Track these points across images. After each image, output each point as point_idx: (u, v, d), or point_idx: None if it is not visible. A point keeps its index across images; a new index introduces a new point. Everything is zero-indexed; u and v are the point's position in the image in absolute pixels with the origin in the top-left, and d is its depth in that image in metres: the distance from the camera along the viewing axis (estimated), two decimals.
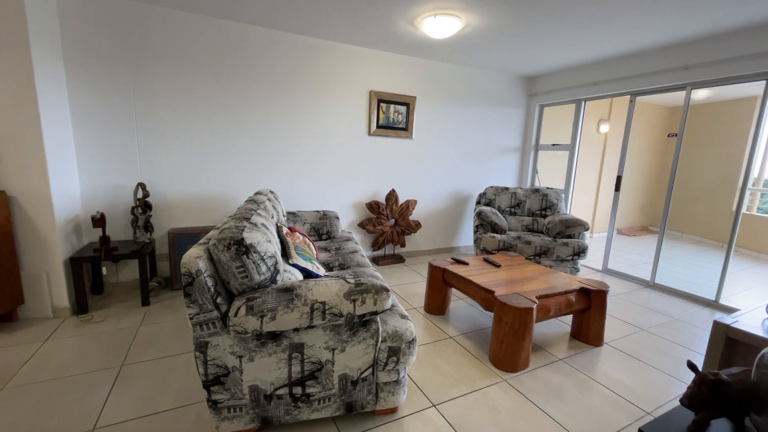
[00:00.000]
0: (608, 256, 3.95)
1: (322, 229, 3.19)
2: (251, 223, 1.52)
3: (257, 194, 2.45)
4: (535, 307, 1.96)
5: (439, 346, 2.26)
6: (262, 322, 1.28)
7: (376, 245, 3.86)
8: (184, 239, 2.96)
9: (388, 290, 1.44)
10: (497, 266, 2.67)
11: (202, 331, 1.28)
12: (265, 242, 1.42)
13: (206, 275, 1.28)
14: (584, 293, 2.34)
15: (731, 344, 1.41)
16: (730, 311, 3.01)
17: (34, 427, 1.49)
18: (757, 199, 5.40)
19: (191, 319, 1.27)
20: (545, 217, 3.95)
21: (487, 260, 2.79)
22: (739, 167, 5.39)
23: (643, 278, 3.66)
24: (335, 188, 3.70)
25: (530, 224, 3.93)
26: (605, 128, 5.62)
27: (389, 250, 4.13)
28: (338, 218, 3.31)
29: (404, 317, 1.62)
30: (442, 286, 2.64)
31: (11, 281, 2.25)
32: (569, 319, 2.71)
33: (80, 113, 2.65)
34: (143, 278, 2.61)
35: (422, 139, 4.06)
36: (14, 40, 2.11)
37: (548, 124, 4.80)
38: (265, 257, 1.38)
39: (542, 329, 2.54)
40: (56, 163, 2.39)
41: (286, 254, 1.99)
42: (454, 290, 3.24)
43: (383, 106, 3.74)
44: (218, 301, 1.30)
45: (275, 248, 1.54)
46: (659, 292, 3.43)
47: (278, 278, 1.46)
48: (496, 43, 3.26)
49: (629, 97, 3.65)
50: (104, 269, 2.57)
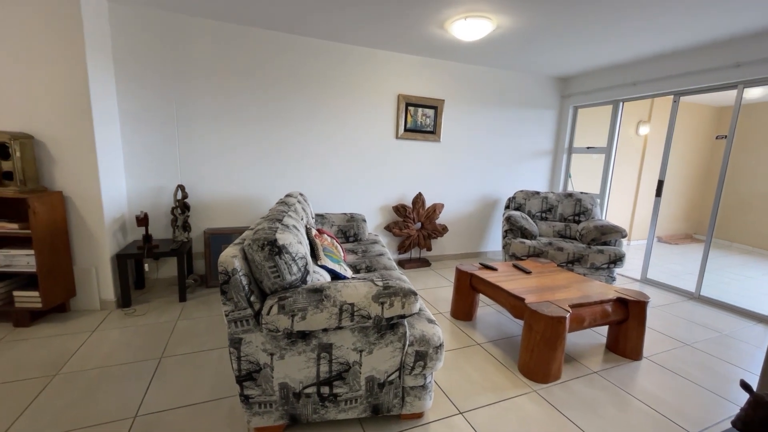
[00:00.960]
0: (648, 265, 3.74)
1: (349, 231, 3.23)
2: (283, 224, 1.57)
3: (287, 196, 2.52)
4: (568, 316, 1.89)
5: (466, 352, 2.22)
6: (292, 321, 1.31)
7: (402, 248, 3.85)
8: (218, 239, 3.09)
9: (416, 294, 1.44)
10: (527, 273, 2.59)
11: (236, 327, 1.33)
12: (296, 243, 1.46)
13: (241, 274, 1.33)
14: (622, 303, 2.22)
15: None
16: None
17: (82, 411, 1.60)
18: None
19: (227, 315, 1.33)
20: (579, 222, 3.80)
21: (516, 266, 2.72)
22: None
23: (686, 290, 3.43)
24: (362, 191, 3.74)
25: (562, 230, 3.79)
26: (645, 130, 5.34)
27: (415, 253, 4.11)
28: (365, 221, 3.34)
29: (431, 322, 1.60)
30: (469, 291, 2.60)
31: (65, 275, 2.44)
32: (604, 330, 2.59)
33: (127, 119, 2.83)
34: (181, 275, 2.75)
35: (450, 142, 4.03)
36: (73, 54, 2.30)
37: (582, 126, 4.62)
38: (296, 258, 1.42)
39: (575, 339, 2.44)
40: (106, 166, 2.57)
41: (314, 255, 2.03)
42: (481, 296, 3.18)
43: (411, 109, 3.74)
44: (252, 299, 1.34)
45: (305, 249, 1.57)
46: (705, 305, 3.20)
47: (308, 279, 1.50)
48: (528, 44, 3.18)
49: (672, 97, 3.45)
50: (146, 266, 2.73)
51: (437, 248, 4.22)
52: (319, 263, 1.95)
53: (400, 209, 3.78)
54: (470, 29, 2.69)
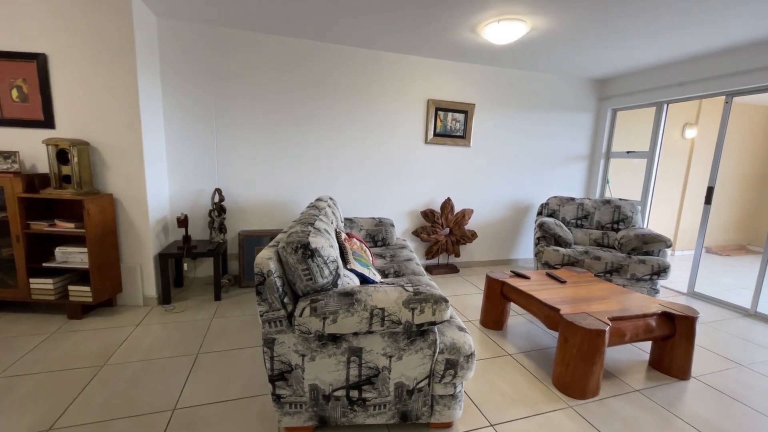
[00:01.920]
0: (695, 277, 3.48)
1: (377, 235, 3.24)
2: (315, 228, 1.60)
3: (318, 200, 2.57)
4: (607, 329, 1.79)
5: (496, 362, 2.15)
6: (324, 323, 1.33)
7: (429, 254, 3.82)
8: (251, 241, 3.20)
9: (447, 301, 1.41)
10: (562, 282, 2.49)
11: (270, 328, 1.37)
12: (328, 247, 1.48)
13: (276, 276, 1.36)
14: (667, 318, 2.08)
15: None
16: None
17: (126, 401, 1.70)
18: None
19: (261, 316, 1.36)
20: (618, 231, 3.61)
21: (550, 275, 2.62)
22: None
23: (740, 305, 3.16)
24: (390, 195, 3.75)
25: (599, 238, 3.61)
26: (692, 133, 5.01)
27: (443, 259, 4.06)
28: (393, 225, 3.34)
29: (462, 330, 1.57)
30: (500, 299, 2.53)
31: (113, 272, 2.61)
32: (647, 346, 2.43)
33: (171, 127, 3.01)
34: (216, 275, 2.87)
35: (480, 146, 3.96)
36: (125, 68, 2.48)
37: (622, 129, 4.40)
38: (327, 261, 1.44)
39: (615, 354, 2.30)
40: (152, 170, 2.73)
41: (344, 259, 2.05)
42: (512, 305, 3.08)
43: (441, 114, 3.72)
44: (285, 300, 1.38)
45: (336, 253, 1.60)
46: (763, 322, 2.93)
47: (339, 282, 1.51)
48: (564, 45, 3.08)
49: (724, 98, 3.22)
50: (185, 265, 2.87)
51: (466, 254, 4.15)
52: (348, 267, 1.97)
53: (428, 214, 3.75)
54: (503, 32, 2.64)
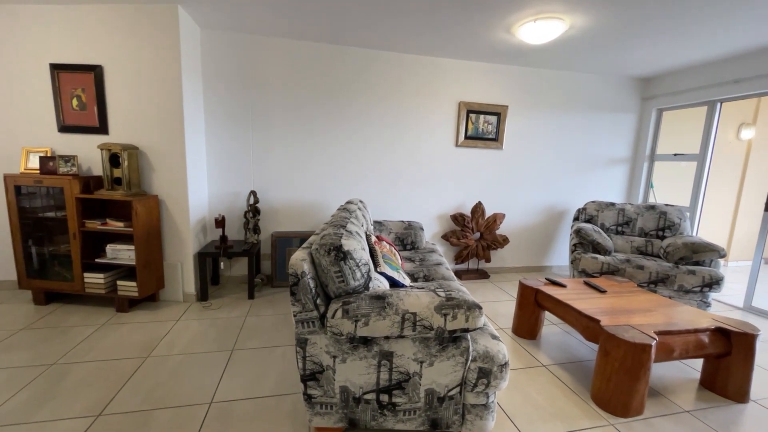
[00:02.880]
0: (753, 290, 3.19)
1: (406, 239, 3.23)
2: (347, 231, 1.61)
3: (348, 203, 2.60)
4: (654, 344, 1.67)
5: (530, 373, 2.08)
6: (356, 326, 1.33)
7: (459, 258, 3.75)
8: (283, 242, 3.28)
9: (480, 308, 1.38)
10: (602, 292, 2.36)
11: (303, 328, 1.39)
12: (360, 250, 1.49)
13: (309, 277, 1.39)
14: (722, 334, 1.92)
15: None
16: None
17: (168, 392, 1.79)
18: None
19: (295, 316, 1.39)
20: (663, 238, 3.38)
21: (589, 284, 2.49)
22: None
23: None
24: (420, 199, 3.73)
25: (642, 246, 3.40)
26: (749, 134, 4.62)
27: (473, 264, 3.98)
28: (422, 229, 3.32)
29: (495, 338, 1.53)
30: (534, 308, 2.44)
31: (157, 269, 2.76)
32: (698, 363, 2.25)
33: (211, 132, 3.16)
34: (251, 275, 2.97)
35: (513, 149, 3.85)
36: (171, 77, 2.63)
37: (668, 130, 4.14)
38: (360, 264, 1.45)
39: (661, 371, 2.15)
40: (193, 173, 2.88)
41: (374, 262, 2.06)
42: (547, 314, 2.96)
43: (472, 116, 3.66)
44: (318, 302, 1.40)
45: (368, 256, 1.60)
46: None
47: (370, 285, 1.52)
48: (605, 43, 2.94)
49: None
50: (222, 264, 2.99)
51: (497, 260, 4.04)
52: (378, 270, 1.98)
53: (458, 218, 3.70)
54: (540, 32, 2.56)
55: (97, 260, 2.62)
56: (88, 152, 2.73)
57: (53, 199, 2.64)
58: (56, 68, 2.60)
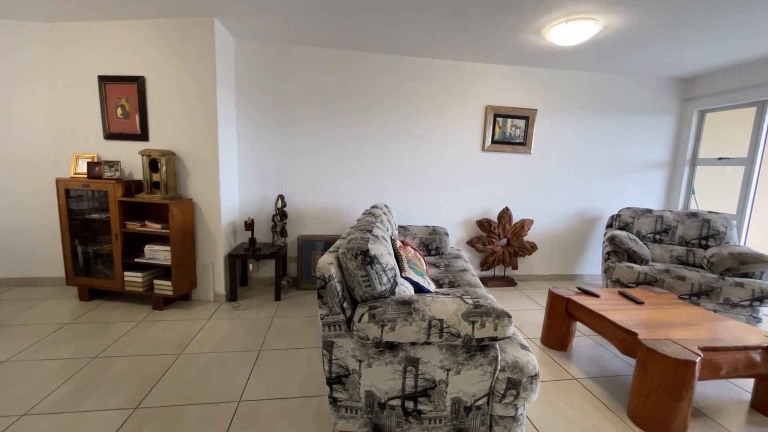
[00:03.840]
0: None
1: (431, 244, 3.20)
2: (373, 235, 1.62)
3: (373, 207, 2.61)
4: (698, 360, 1.57)
5: (560, 386, 1.99)
6: (382, 331, 1.33)
7: (484, 265, 3.68)
8: (309, 245, 3.34)
9: (509, 316, 1.34)
10: (639, 303, 2.24)
11: (330, 331, 1.41)
12: (386, 254, 1.49)
13: (336, 281, 1.40)
14: None
15: None
16: None
17: (199, 389, 1.85)
18: None
19: (322, 319, 1.41)
20: (707, 248, 3.18)
21: (624, 294, 2.37)
22: None
23: None
24: (445, 204, 3.70)
25: (683, 256, 3.21)
26: None
27: (499, 271, 3.89)
28: (447, 234, 3.28)
29: (525, 348, 1.48)
30: (564, 318, 2.35)
31: (190, 269, 2.88)
32: (748, 383, 2.09)
33: (242, 137, 3.27)
34: (277, 277, 3.03)
35: (542, 153, 3.75)
36: (206, 87, 2.75)
37: (711, 133, 3.89)
38: (386, 269, 1.45)
39: (706, 390, 2.01)
40: (225, 177, 2.99)
41: (399, 267, 2.05)
42: (578, 324, 2.84)
43: (499, 120, 3.60)
44: (344, 305, 1.41)
45: (394, 261, 1.60)
46: None
47: (396, 290, 1.51)
48: (641, 43, 2.82)
49: None
50: (250, 266, 3.08)
51: (524, 267, 3.93)
52: (403, 275, 1.97)
53: (484, 224, 3.63)
54: (571, 33, 2.49)
55: (136, 260, 2.77)
56: (130, 158, 2.90)
57: (98, 201, 2.82)
58: (103, 80, 2.79)
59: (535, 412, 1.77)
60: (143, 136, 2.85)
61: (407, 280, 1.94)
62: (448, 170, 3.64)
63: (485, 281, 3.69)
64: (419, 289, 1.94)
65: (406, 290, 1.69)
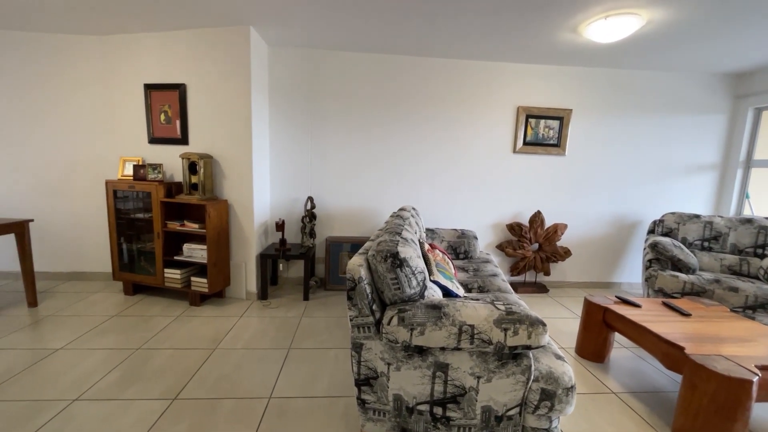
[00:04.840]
0: None
1: (459, 248, 3.15)
2: (402, 238, 1.61)
3: (401, 210, 2.61)
4: (756, 380, 1.44)
5: (597, 399, 1.90)
6: (411, 334, 1.32)
7: (515, 270, 3.58)
8: (336, 246, 3.38)
9: (544, 324, 1.30)
10: (685, 315, 2.09)
11: (359, 333, 1.41)
12: (416, 257, 1.48)
13: (366, 283, 1.41)
14: None
15: None
16: None
17: (232, 384, 1.91)
18: None
19: (351, 320, 1.42)
20: (763, 257, 2.92)
21: (668, 305, 2.23)
22: None
23: None
24: (474, 207, 3.63)
25: (735, 265, 2.97)
26: None
27: (530, 277, 3.76)
28: (476, 238, 3.22)
29: (560, 358, 1.42)
30: (601, 328, 2.23)
31: (224, 268, 3.00)
32: None
33: (274, 140, 3.37)
34: (306, 277, 3.09)
35: (577, 155, 3.60)
36: (242, 94, 2.86)
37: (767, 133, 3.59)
38: (415, 272, 1.44)
39: (763, 412, 1.84)
40: (258, 179, 3.09)
41: (428, 270, 2.03)
42: (617, 335, 2.70)
43: (532, 121, 3.50)
44: (374, 307, 1.41)
45: (423, 264, 1.59)
46: None
47: (426, 294, 1.50)
48: (688, 37, 2.65)
49: None
50: (281, 266, 3.16)
51: (557, 273, 3.78)
52: (431, 279, 1.95)
53: (515, 228, 3.53)
54: (611, 29, 2.38)
55: (175, 257, 2.91)
56: (171, 161, 3.06)
57: (142, 202, 2.99)
58: (149, 88, 2.97)
59: (570, 425, 1.69)
60: (183, 140, 3.00)
61: (435, 283, 1.92)
62: (477, 173, 3.58)
63: (515, 287, 3.58)
64: (448, 293, 1.91)
65: (435, 294, 1.67)
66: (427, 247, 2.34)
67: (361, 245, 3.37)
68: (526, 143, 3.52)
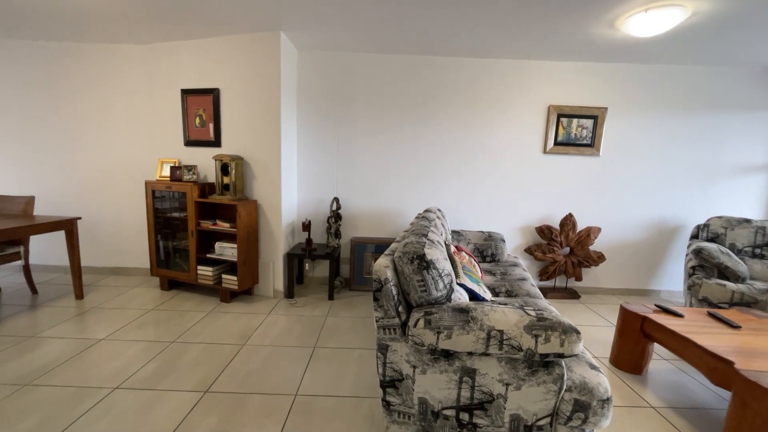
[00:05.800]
0: None
1: (486, 251, 3.09)
2: (429, 239, 1.60)
3: (427, 212, 2.58)
4: None
5: (634, 414, 1.80)
6: (438, 338, 1.30)
7: (544, 275, 3.46)
8: (361, 247, 3.40)
9: (578, 332, 1.24)
10: (734, 327, 1.94)
11: (384, 334, 1.41)
12: (443, 260, 1.46)
13: (392, 284, 1.40)
14: None
15: None
16: None
17: (260, 379, 1.96)
18: None
19: (377, 321, 1.42)
20: None
21: (715, 316, 2.08)
22: None
23: None
24: (502, 209, 3.54)
25: None
26: None
27: (560, 282, 3.63)
28: (504, 241, 3.14)
29: (594, 368, 1.36)
30: (639, 338, 2.11)
31: (253, 266, 3.08)
32: None
33: (302, 142, 3.44)
34: (331, 276, 3.13)
35: (613, 156, 3.44)
36: (271, 98, 2.94)
37: None
38: (442, 274, 1.42)
39: None
40: (286, 180, 3.17)
41: (454, 273, 2.00)
42: (656, 346, 2.55)
43: (563, 120, 3.37)
44: (400, 309, 1.40)
45: (450, 267, 1.56)
46: None
47: (452, 297, 1.47)
48: (738, 28, 2.47)
49: None
50: (307, 265, 3.21)
51: (589, 279, 3.62)
52: (458, 281, 1.92)
53: (544, 231, 3.41)
54: (652, 23, 2.26)
55: (207, 255, 3.03)
56: (204, 162, 3.19)
57: (177, 201, 3.14)
58: (185, 93, 3.11)
59: None
60: (216, 142, 3.12)
61: (462, 287, 1.89)
62: (505, 174, 3.49)
63: (545, 292, 3.46)
64: (474, 296, 1.87)
65: (461, 297, 1.64)
66: (453, 249, 2.31)
67: (385, 246, 3.37)
68: (557, 143, 3.40)
